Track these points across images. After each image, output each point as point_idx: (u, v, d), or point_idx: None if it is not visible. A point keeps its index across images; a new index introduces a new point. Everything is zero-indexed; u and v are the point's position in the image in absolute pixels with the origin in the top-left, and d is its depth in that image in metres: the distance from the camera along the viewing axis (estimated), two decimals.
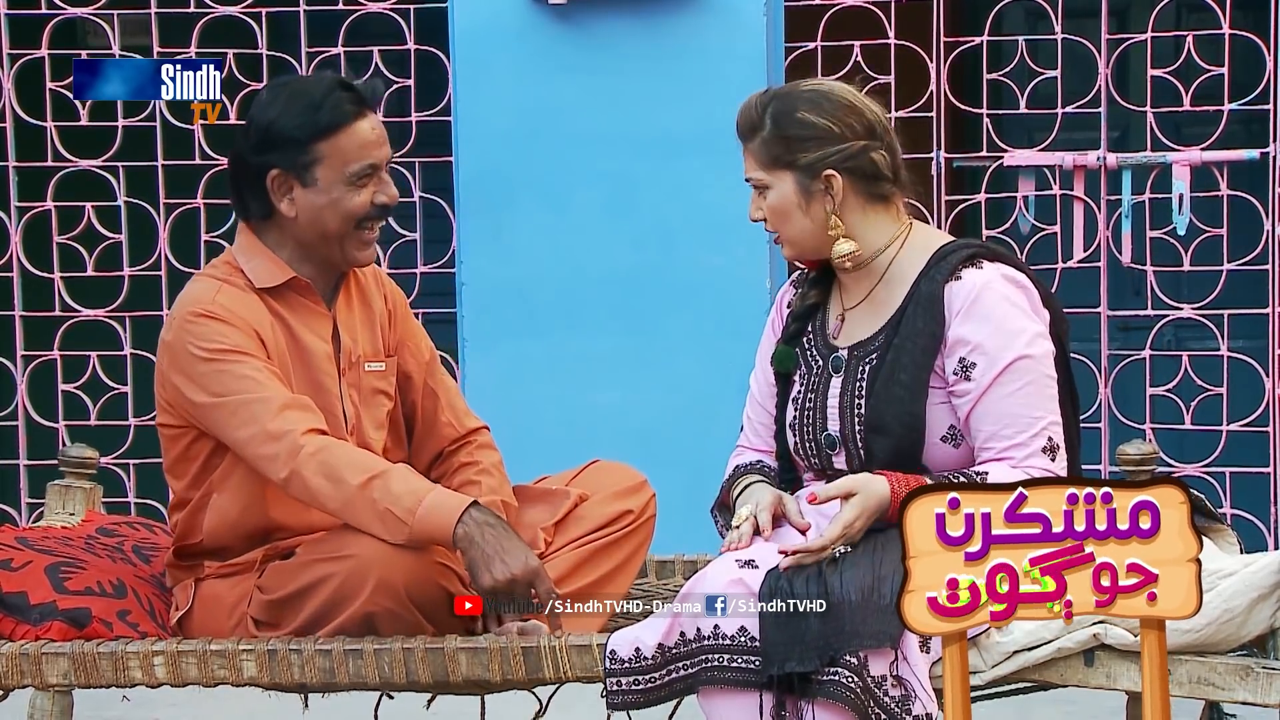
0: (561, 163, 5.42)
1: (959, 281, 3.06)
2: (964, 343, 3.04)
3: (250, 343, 3.19)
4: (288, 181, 3.23)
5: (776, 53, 5.43)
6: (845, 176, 3.10)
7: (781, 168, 3.12)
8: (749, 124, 3.15)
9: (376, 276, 3.44)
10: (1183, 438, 5.65)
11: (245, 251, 3.29)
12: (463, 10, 5.44)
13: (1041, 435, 3.02)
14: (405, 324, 3.45)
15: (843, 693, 2.83)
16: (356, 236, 3.26)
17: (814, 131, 3.10)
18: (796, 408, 3.20)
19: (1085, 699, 3.48)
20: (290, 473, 3.10)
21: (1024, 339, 3.03)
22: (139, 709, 4.17)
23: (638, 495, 3.41)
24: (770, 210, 3.15)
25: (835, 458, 3.15)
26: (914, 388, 3.06)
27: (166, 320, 3.30)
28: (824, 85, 3.20)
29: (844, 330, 3.19)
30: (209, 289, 3.25)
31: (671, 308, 5.41)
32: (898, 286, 3.13)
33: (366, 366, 3.35)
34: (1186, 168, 5.46)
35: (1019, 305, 3.06)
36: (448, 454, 3.45)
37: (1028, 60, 5.54)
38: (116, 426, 5.65)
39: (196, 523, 3.28)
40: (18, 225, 5.66)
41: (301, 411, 3.14)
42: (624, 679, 2.98)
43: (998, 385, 3.02)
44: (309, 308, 3.29)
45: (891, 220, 3.16)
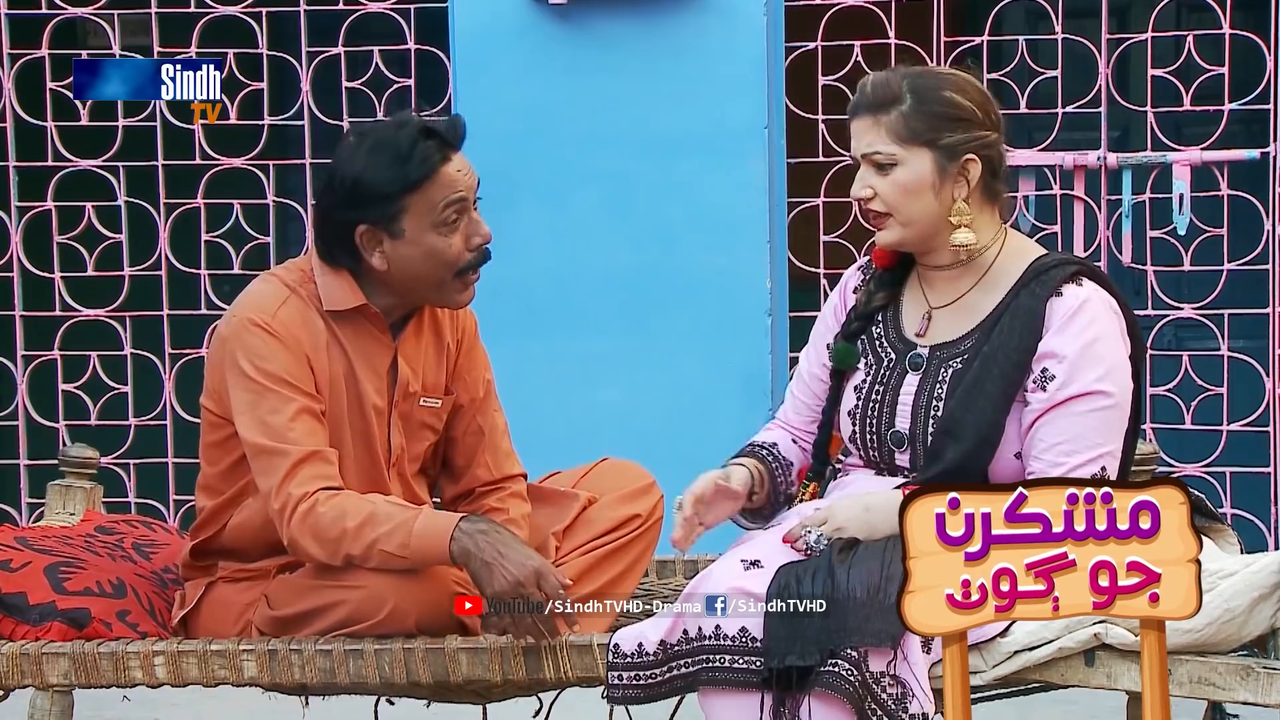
0: (561, 162, 5.42)
1: (1060, 298, 3.02)
2: (1051, 354, 3.00)
3: (299, 371, 3.14)
4: (377, 235, 3.16)
5: (777, 52, 5.42)
6: (981, 165, 3.06)
7: (921, 144, 3.04)
8: (886, 96, 3.04)
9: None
10: (1183, 437, 5.65)
11: (324, 266, 3.22)
12: (463, 10, 5.44)
13: (1095, 463, 2.97)
14: (469, 357, 3.38)
15: (841, 685, 2.83)
16: (458, 282, 3.19)
17: (961, 113, 3.05)
18: (860, 397, 3.15)
19: (1086, 699, 3.48)
20: (290, 542, 3.10)
21: (1106, 366, 2.98)
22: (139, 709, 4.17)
23: (646, 498, 3.40)
24: (896, 187, 3.05)
25: (900, 455, 3.11)
26: (998, 399, 3.01)
27: (228, 312, 3.24)
28: (950, 70, 3.14)
29: (930, 329, 3.14)
30: (275, 296, 3.19)
31: (671, 308, 5.41)
32: (992, 292, 3.09)
33: (421, 401, 3.30)
34: (1187, 167, 5.46)
35: (1111, 330, 3.01)
36: (479, 494, 3.39)
37: (1028, 60, 5.54)
38: (117, 426, 5.64)
39: (222, 515, 3.27)
40: (18, 225, 5.66)
41: (315, 467, 3.09)
42: (625, 674, 2.98)
43: (1071, 404, 2.97)
44: (373, 336, 3.23)
45: (995, 222, 3.13)
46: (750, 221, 5.33)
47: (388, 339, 3.25)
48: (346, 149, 3.19)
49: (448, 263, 3.17)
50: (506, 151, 5.40)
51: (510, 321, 5.40)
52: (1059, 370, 2.98)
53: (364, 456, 3.23)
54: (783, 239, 5.44)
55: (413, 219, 3.14)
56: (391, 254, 3.16)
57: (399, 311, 3.26)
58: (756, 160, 5.34)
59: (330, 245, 3.20)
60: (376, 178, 3.12)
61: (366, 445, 3.23)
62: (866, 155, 3.07)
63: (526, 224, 5.40)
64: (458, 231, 3.17)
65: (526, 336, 5.41)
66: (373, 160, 3.13)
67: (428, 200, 3.14)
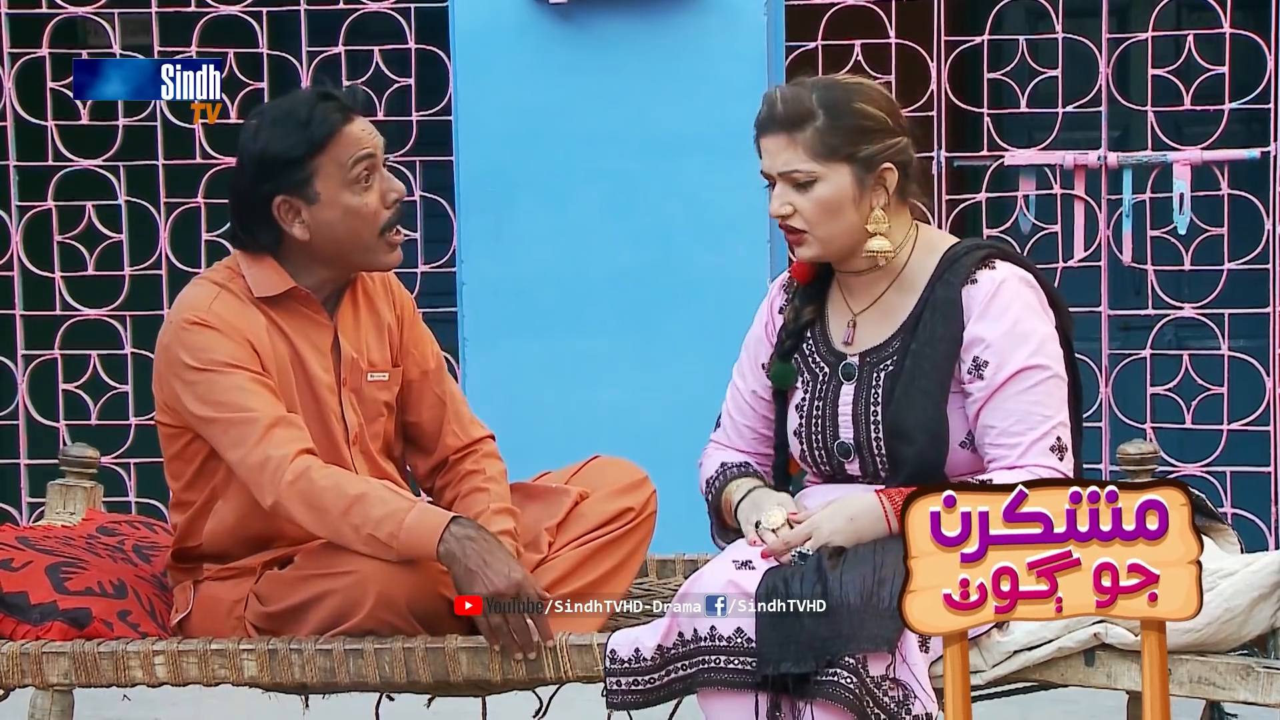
0: (562, 162, 5.42)
1: (975, 285, 3.04)
2: (978, 341, 3.02)
3: (243, 353, 3.16)
4: (293, 205, 3.19)
5: (777, 52, 5.42)
6: (897, 171, 3.07)
7: (839, 160, 3.04)
8: (799, 113, 3.04)
9: (385, 282, 3.39)
10: (1183, 437, 5.65)
11: (248, 258, 3.26)
12: (463, 10, 5.44)
13: (1050, 435, 3.00)
14: (412, 331, 3.40)
15: (841, 693, 2.82)
16: (382, 242, 3.22)
17: (874, 123, 3.05)
18: (802, 416, 3.18)
19: (1086, 698, 3.48)
20: (274, 501, 3.10)
21: (1035, 340, 3.02)
22: (140, 708, 4.17)
23: (638, 492, 3.40)
24: (817, 204, 3.05)
25: (849, 465, 3.13)
26: (936, 394, 3.04)
27: (164, 323, 3.28)
28: (853, 78, 3.14)
29: (856, 335, 3.15)
30: (206, 295, 3.22)
31: (672, 307, 5.41)
32: (909, 290, 3.10)
33: (369, 377, 3.31)
34: (1187, 167, 5.46)
35: (1032, 306, 3.04)
36: (453, 463, 3.41)
37: (1028, 59, 5.53)
38: (117, 426, 5.65)
39: (196, 527, 3.27)
40: (18, 225, 5.66)
41: (288, 430, 3.11)
42: (624, 679, 2.98)
43: (1009, 385, 3.00)
44: (309, 317, 3.26)
45: (907, 221, 3.14)
46: (750, 221, 5.33)
47: (324, 318, 3.27)
48: (248, 129, 3.23)
49: (367, 220, 3.19)
50: (506, 151, 5.40)
51: (510, 321, 5.40)
52: (990, 356, 3.01)
53: (322, 437, 3.23)
54: (783, 238, 5.43)
55: (324, 180, 3.17)
56: (311, 221, 3.19)
57: (329, 287, 3.28)
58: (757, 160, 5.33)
59: (250, 227, 3.23)
60: (281, 145, 3.17)
61: (323, 426, 3.24)
62: (784, 174, 3.06)
63: (527, 223, 5.40)
64: (372, 190, 3.20)
65: (526, 336, 5.41)
66: (275, 131, 3.18)
67: (336, 160, 3.17)
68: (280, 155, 3.17)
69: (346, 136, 3.19)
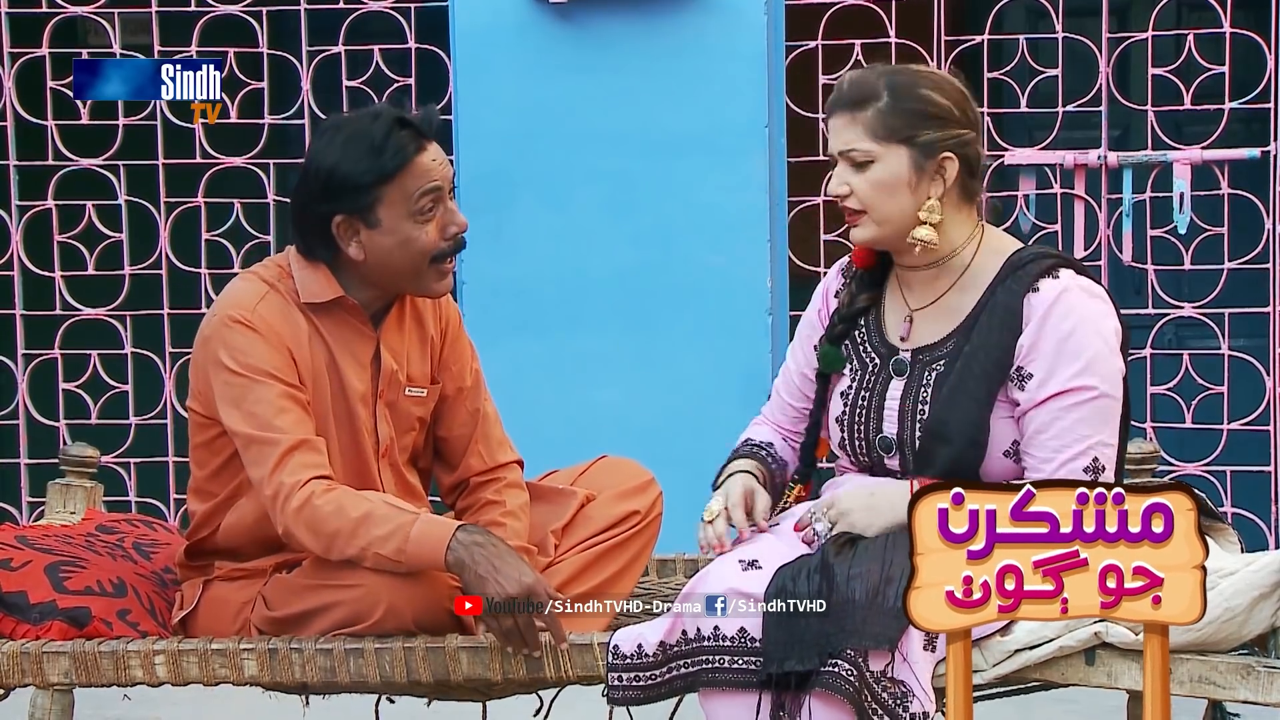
0: (562, 162, 5.42)
1: (1037, 294, 3.01)
2: (1028, 351, 3.00)
3: (281, 361, 3.15)
4: (353, 226, 3.17)
5: (777, 51, 5.42)
6: (958, 163, 3.05)
7: (898, 141, 3.03)
8: (863, 93, 3.04)
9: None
10: (1183, 436, 5.64)
11: (301, 260, 3.23)
12: (463, 9, 5.44)
13: (1086, 455, 2.96)
14: (454, 346, 3.38)
15: (840, 685, 2.82)
16: (434, 270, 3.20)
17: (938, 110, 3.04)
18: (846, 404, 3.16)
19: (1086, 698, 3.48)
20: (284, 530, 3.10)
21: (1085, 358, 2.97)
22: (140, 708, 4.17)
23: (645, 495, 3.40)
24: (872, 184, 3.04)
25: (889, 460, 3.12)
26: (982, 399, 3.01)
27: (208, 313, 3.24)
28: (929, 68, 3.15)
29: (913, 332, 3.13)
30: (253, 294, 3.20)
31: (671, 307, 5.41)
32: (971, 291, 3.08)
33: (406, 391, 3.30)
34: (1187, 166, 5.46)
35: (1091, 319, 3.00)
36: (475, 485, 3.39)
37: (1028, 59, 5.53)
38: (117, 425, 5.64)
39: (215, 517, 3.26)
40: (19, 224, 5.66)
41: (305, 455, 3.10)
42: (625, 675, 2.98)
43: (1051, 402, 2.97)
44: (353, 327, 3.24)
45: (972, 221, 3.11)
46: (750, 221, 5.33)
47: (369, 330, 3.25)
48: (321, 141, 3.20)
49: (423, 251, 3.17)
50: (506, 151, 5.40)
51: (510, 321, 5.40)
52: (1035, 369, 2.99)
53: (351, 448, 3.23)
54: (783, 238, 5.44)
55: (388, 209, 3.15)
56: (368, 244, 3.17)
57: (378, 303, 3.26)
58: (757, 159, 5.34)
59: (307, 238, 3.22)
60: (352, 169, 3.13)
61: (353, 436, 3.23)
62: (844, 153, 3.06)
63: (526, 224, 5.40)
64: (433, 221, 3.18)
65: (526, 336, 5.41)
66: (348, 151, 3.14)
67: (403, 190, 3.15)
68: (348, 177, 3.13)
69: (417, 167, 3.15)
